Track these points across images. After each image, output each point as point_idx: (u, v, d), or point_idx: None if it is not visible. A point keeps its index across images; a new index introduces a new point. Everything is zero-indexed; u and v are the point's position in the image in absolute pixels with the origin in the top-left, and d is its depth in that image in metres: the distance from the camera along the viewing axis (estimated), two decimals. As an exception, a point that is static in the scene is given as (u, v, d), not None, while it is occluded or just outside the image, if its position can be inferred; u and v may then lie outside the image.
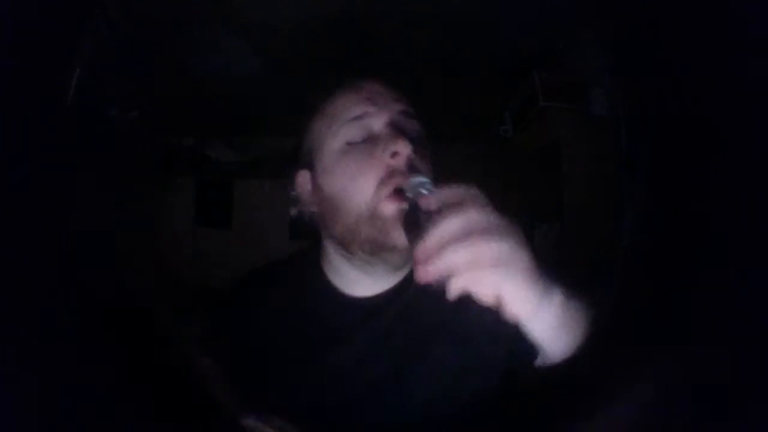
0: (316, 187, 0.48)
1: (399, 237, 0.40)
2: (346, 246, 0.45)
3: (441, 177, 0.39)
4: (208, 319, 0.60)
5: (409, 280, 0.49)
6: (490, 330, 0.45)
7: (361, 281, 0.48)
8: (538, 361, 0.44)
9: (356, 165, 0.43)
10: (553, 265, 0.36)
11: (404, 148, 0.41)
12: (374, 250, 0.43)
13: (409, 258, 0.41)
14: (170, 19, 1.06)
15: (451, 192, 0.33)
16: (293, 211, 0.52)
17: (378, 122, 0.44)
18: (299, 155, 0.50)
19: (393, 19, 1.07)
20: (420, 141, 0.45)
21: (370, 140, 0.44)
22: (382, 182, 0.41)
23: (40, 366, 0.36)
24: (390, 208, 0.41)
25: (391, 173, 0.41)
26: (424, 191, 0.36)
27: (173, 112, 1.66)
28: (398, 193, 0.40)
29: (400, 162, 0.41)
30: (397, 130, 0.43)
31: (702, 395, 0.33)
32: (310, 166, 0.48)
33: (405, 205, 0.39)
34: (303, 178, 0.49)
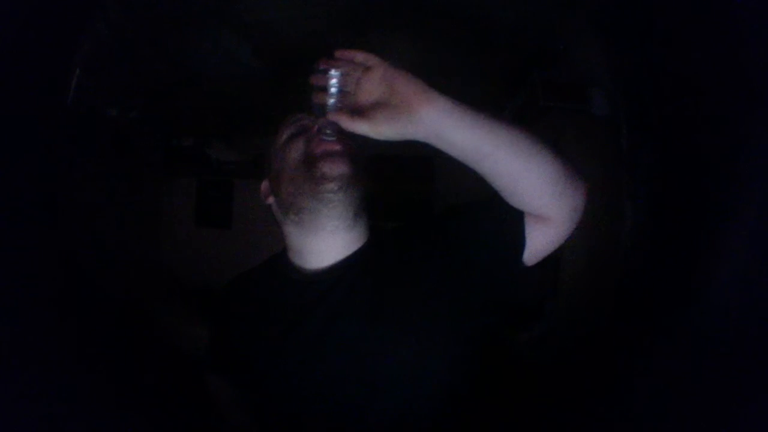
0: (270, 180, 0.58)
1: (326, 167, 0.49)
2: (293, 200, 0.52)
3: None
4: (206, 320, 0.62)
5: (358, 254, 0.55)
6: (437, 289, 0.50)
7: (316, 250, 0.55)
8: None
9: (293, 139, 0.55)
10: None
11: (323, 121, 0.50)
12: (315, 188, 0.50)
13: (348, 198, 0.50)
14: (170, 19, 1.06)
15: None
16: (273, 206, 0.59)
17: (311, 120, 0.56)
18: (263, 169, 0.61)
19: (392, 20, 1.07)
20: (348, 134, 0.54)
21: (306, 130, 0.56)
22: (310, 139, 0.53)
23: (40, 364, 0.36)
24: (320, 147, 0.51)
25: (317, 134, 0.52)
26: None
27: (173, 112, 1.66)
28: (324, 141, 0.51)
29: (325, 132, 0.51)
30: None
31: (701, 393, 0.33)
32: (268, 171, 0.58)
33: (329, 147, 0.51)
34: (264, 185, 0.60)
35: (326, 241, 0.54)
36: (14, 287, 0.36)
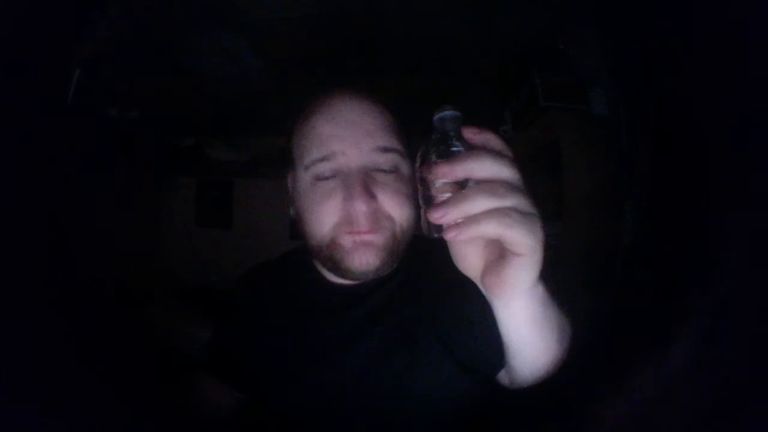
0: (294, 189, 0.50)
1: (354, 263, 0.44)
2: (317, 252, 0.48)
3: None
4: (210, 319, 0.61)
5: (394, 273, 0.51)
6: (467, 327, 0.47)
7: (341, 280, 0.51)
8: (501, 375, 0.47)
9: (321, 200, 0.45)
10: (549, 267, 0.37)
11: (361, 206, 0.43)
12: (334, 269, 0.47)
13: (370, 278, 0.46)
14: (170, 18, 1.06)
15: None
16: (293, 211, 0.54)
17: (346, 163, 0.45)
18: (287, 156, 0.52)
19: (392, 20, 1.07)
20: (396, 174, 0.46)
21: (338, 177, 0.45)
22: (341, 221, 0.44)
23: (37, 365, 0.36)
24: (347, 240, 0.44)
25: (348, 216, 0.44)
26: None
27: (173, 112, 1.66)
28: (354, 231, 0.44)
29: (359, 216, 0.43)
30: (360, 187, 0.44)
31: (701, 394, 0.33)
32: (290, 166, 0.51)
33: (359, 238, 0.44)
34: (291, 179, 0.52)
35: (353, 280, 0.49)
36: (11, 288, 0.36)
